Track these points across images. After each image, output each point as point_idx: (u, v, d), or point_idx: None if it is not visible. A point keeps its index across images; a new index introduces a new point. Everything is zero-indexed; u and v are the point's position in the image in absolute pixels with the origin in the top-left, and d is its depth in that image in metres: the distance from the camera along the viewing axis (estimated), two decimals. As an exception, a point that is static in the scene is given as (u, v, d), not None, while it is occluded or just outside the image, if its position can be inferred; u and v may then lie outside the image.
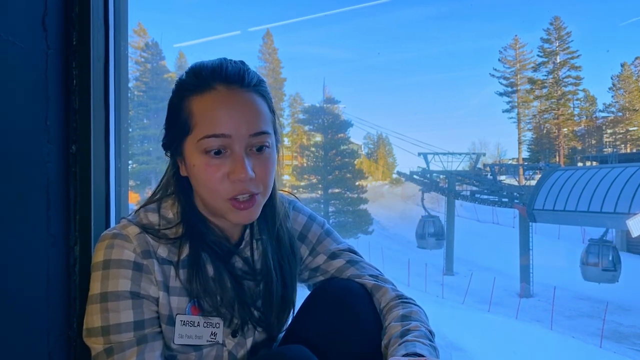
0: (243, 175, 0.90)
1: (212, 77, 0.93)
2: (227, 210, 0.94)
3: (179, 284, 0.96)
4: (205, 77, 0.93)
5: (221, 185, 0.92)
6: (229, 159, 0.91)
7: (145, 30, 29.30)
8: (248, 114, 0.92)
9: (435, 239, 21.91)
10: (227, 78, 0.93)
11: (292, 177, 31.38)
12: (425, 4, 56.65)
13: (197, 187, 0.96)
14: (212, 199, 0.94)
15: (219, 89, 0.92)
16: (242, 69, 0.96)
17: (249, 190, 0.93)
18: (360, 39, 58.91)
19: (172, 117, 0.97)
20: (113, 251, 0.92)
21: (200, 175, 0.92)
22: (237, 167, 0.90)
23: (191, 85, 0.94)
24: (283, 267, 1.07)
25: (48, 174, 1.06)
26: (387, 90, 65.74)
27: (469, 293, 18.62)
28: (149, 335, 0.91)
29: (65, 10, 1.12)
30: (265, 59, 36.70)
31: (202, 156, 0.92)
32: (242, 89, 0.94)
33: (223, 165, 0.91)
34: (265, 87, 0.98)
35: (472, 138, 76.64)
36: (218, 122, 0.90)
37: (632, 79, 38.03)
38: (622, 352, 12.75)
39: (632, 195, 14.89)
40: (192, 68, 0.97)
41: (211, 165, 0.91)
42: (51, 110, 1.07)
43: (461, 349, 11.31)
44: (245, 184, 0.92)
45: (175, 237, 0.98)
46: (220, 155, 0.91)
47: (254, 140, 0.93)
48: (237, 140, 0.91)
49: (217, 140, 0.90)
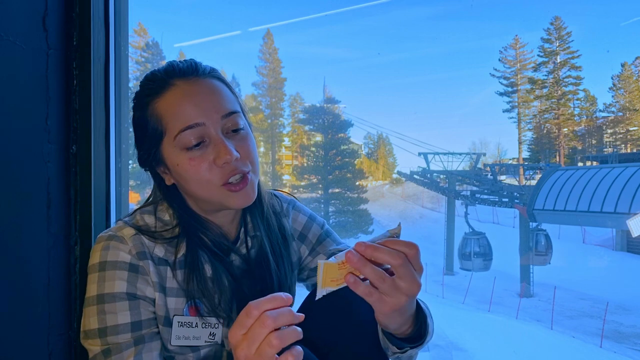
0: (228, 157, 0.90)
1: (167, 75, 0.95)
2: (223, 197, 0.94)
3: (176, 285, 0.96)
4: (160, 78, 0.95)
5: (210, 173, 0.92)
6: (210, 146, 0.92)
7: (145, 30, 29.35)
8: (213, 98, 0.94)
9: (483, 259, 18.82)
10: (181, 72, 0.95)
11: (292, 177, 31.40)
12: (425, 3, 56.66)
13: (187, 186, 0.95)
14: (205, 192, 0.94)
15: (177, 84, 0.94)
16: (193, 61, 0.98)
17: (240, 170, 0.93)
18: (361, 39, 58.92)
19: (141, 130, 0.97)
20: (109, 253, 0.92)
21: (187, 171, 0.92)
22: (220, 151, 0.91)
23: (148, 90, 0.95)
24: (279, 262, 1.07)
25: (48, 174, 1.06)
26: (387, 90, 65.74)
27: (470, 293, 18.60)
28: (146, 336, 0.91)
29: (65, 11, 1.12)
30: (265, 58, 36.72)
31: (183, 153, 0.92)
32: (198, 77, 0.95)
33: (206, 154, 0.92)
34: (220, 73, 1.00)
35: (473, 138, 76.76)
36: (187, 113, 0.91)
37: (632, 78, 38.01)
38: (622, 352, 12.73)
39: (633, 195, 14.88)
40: (144, 77, 0.98)
41: (194, 158, 0.92)
42: (52, 110, 1.07)
43: (461, 348, 11.31)
44: (233, 165, 0.92)
45: (172, 237, 0.98)
46: (200, 147, 0.92)
47: (228, 123, 0.94)
48: (211, 126, 0.92)
49: (193, 131, 0.91)
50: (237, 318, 0.73)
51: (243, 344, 0.71)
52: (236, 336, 0.72)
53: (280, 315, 0.71)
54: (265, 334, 0.70)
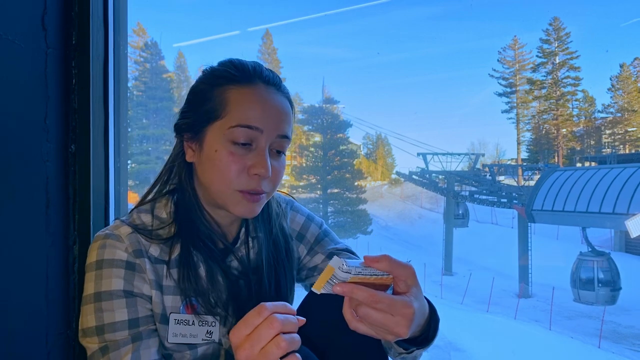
0: (264, 171, 0.92)
1: (254, 73, 0.97)
2: (234, 201, 0.94)
3: (172, 283, 0.96)
4: (247, 71, 0.97)
5: (238, 177, 0.93)
6: (253, 152, 0.93)
7: (144, 29, 29.31)
8: (281, 115, 0.96)
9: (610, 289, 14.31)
10: (267, 78, 0.98)
11: (291, 177, 31.39)
12: (424, 4, 56.70)
13: (207, 173, 0.96)
14: (222, 188, 0.94)
15: (259, 85, 0.96)
16: (278, 76, 1.01)
17: (262, 189, 0.94)
18: (360, 39, 58.96)
19: (198, 101, 0.98)
20: (105, 251, 0.93)
21: (221, 162, 0.93)
22: (259, 162, 0.92)
23: (230, 75, 0.96)
24: (278, 265, 1.07)
25: (47, 173, 1.06)
26: (386, 90, 65.80)
27: (468, 293, 18.63)
28: (143, 333, 0.91)
29: (64, 10, 1.12)
30: (264, 58, 36.71)
31: (228, 144, 0.93)
32: (278, 92, 0.98)
33: (246, 157, 0.93)
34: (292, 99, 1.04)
35: (472, 138, 76.75)
36: (254, 114, 0.93)
37: (630, 79, 38.09)
38: (620, 352, 12.76)
39: (631, 195, 14.90)
40: (230, 61, 0.99)
41: (235, 154, 0.92)
42: (50, 110, 1.07)
43: (460, 349, 11.33)
44: (261, 181, 0.94)
45: (167, 237, 0.98)
46: (245, 147, 0.93)
47: (278, 142, 0.96)
48: (265, 137, 0.94)
49: (249, 131, 0.92)
50: (245, 317, 0.74)
51: (246, 344, 0.72)
52: (240, 336, 0.73)
53: (287, 321, 0.73)
54: (272, 335, 0.71)
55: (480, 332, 12.91)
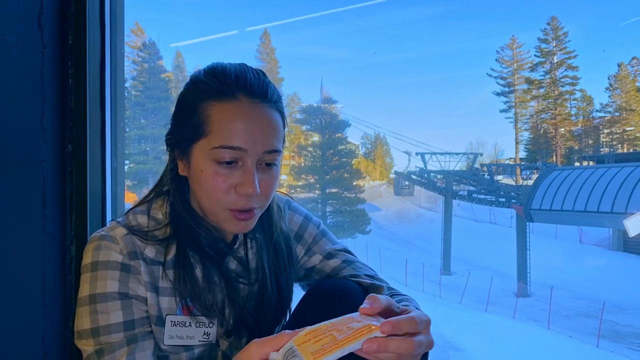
0: (251, 190, 0.90)
1: (236, 85, 0.91)
2: (224, 219, 0.94)
3: (168, 285, 0.96)
4: (228, 83, 0.91)
5: (226, 196, 0.91)
6: (239, 171, 0.91)
7: (142, 29, 29.28)
8: (266, 131, 0.91)
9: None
10: (250, 90, 0.91)
11: (289, 177, 31.38)
12: (423, 4, 56.73)
13: (197, 191, 0.95)
14: (211, 206, 0.94)
15: (241, 100, 0.90)
16: (265, 82, 0.95)
17: (252, 205, 0.93)
18: (358, 39, 58.98)
19: (184, 115, 0.94)
20: (100, 253, 0.92)
21: (207, 182, 0.91)
22: (246, 182, 0.90)
23: (211, 89, 0.92)
24: (277, 266, 1.07)
25: (44, 174, 1.06)
26: (384, 90, 65.85)
27: (467, 293, 18.64)
28: (139, 335, 0.91)
29: (61, 9, 1.11)
30: (262, 58, 36.72)
31: (212, 164, 0.90)
32: (263, 104, 0.92)
33: (232, 177, 0.90)
34: (282, 103, 0.98)
35: (470, 138, 76.85)
36: (236, 134, 0.89)
37: (628, 79, 38.17)
38: (619, 351, 12.77)
39: (629, 195, 14.94)
40: (212, 69, 0.95)
41: (220, 174, 0.90)
42: (47, 110, 1.07)
43: (459, 348, 11.32)
44: (249, 199, 0.91)
45: (163, 238, 0.97)
46: (230, 166, 0.90)
47: (266, 157, 0.92)
48: (251, 155, 0.90)
49: (232, 152, 0.89)
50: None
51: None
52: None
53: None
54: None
55: (478, 332, 12.90)
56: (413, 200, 37.34)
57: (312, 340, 0.63)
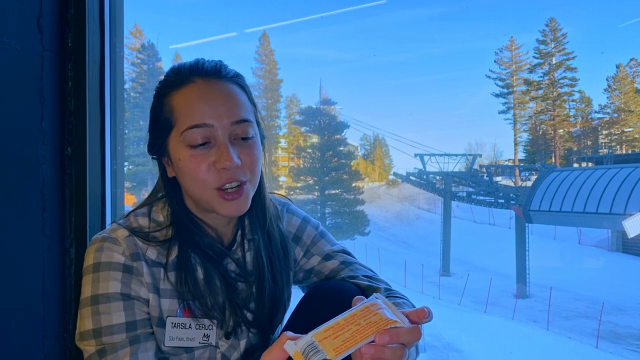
0: (228, 163, 0.91)
1: (190, 72, 0.96)
2: (215, 201, 0.94)
3: (170, 286, 0.96)
4: (183, 72, 0.96)
5: (208, 174, 0.92)
6: (214, 148, 0.92)
7: (141, 31, 29.28)
8: (228, 103, 0.94)
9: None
10: (205, 72, 0.96)
11: (288, 179, 31.39)
12: (421, 5, 56.78)
13: (184, 182, 0.96)
14: (200, 191, 0.94)
15: (197, 82, 0.94)
16: (219, 63, 0.98)
17: (237, 178, 0.93)
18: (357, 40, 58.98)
19: (154, 118, 0.99)
20: (102, 254, 0.93)
21: (187, 167, 0.93)
22: (222, 156, 0.91)
23: (169, 82, 0.97)
24: (274, 267, 1.07)
25: (43, 176, 1.06)
26: (383, 91, 65.78)
27: (466, 294, 18.64)
28: (141, 336, 0.91)
29: (60, 12, 1.12)
30: (261, 60, 36.71)
31: (187, 149, 0.92)
32: (219, 80, 0.96)
33: (208, 155, 0.92)
34: (244, 80, 1.00)
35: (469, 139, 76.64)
36: (199, 112, 0.92)
37: (627, 80, 38.21)
38: (618, 352, 12.78)
39: (628, 196, 14.96)
40: (171, 68, 1.00)
41: (196, 156, 0.92)
42: (46, 112, 1.07)
43: (458, 349, 11.33)
44: (231, 172, 0.92)
45: (165, 239, 0.98)
46: (204, 146, 0.92)
47: (238, 130, 0.94)
48: (220, 130, 0.92)
49: (200, 130, 0.91)
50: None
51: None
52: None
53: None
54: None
55: (478, 333, 12.91)
56: (412, 201, 37.37)
57: (332, 337, 0.66)
